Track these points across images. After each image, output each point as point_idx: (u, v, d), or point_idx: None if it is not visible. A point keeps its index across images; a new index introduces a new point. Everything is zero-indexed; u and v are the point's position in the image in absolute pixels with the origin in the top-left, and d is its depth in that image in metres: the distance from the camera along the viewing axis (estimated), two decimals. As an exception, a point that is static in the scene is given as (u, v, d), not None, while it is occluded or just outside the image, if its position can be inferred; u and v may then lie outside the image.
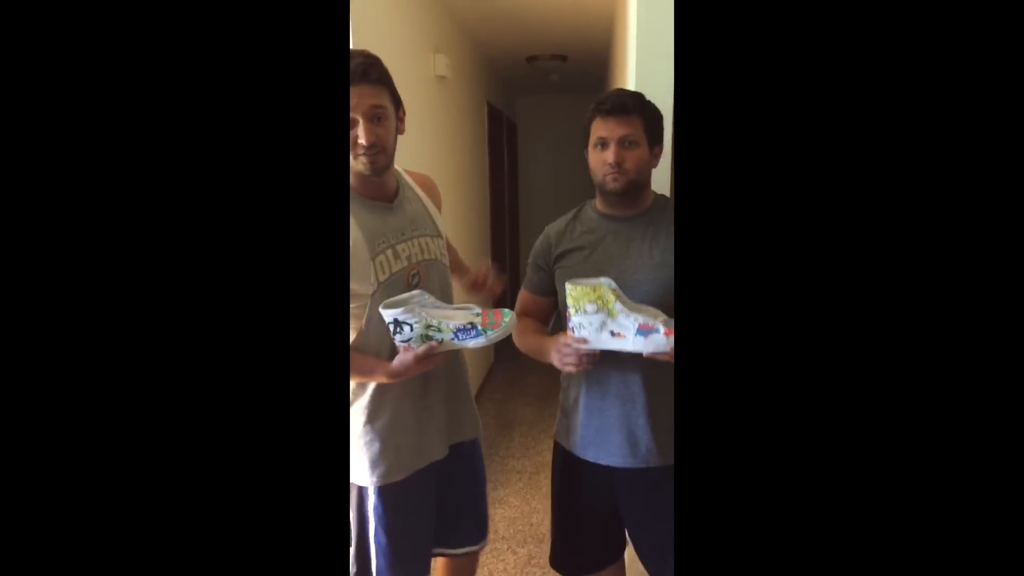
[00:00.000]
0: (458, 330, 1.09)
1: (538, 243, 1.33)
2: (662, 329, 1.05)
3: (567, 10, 3.01)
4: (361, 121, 1.07)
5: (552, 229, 1.33)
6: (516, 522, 2.38)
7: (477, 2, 2.87)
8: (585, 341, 1.10)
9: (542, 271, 1.32)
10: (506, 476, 2.76)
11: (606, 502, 1.30)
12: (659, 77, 1.60)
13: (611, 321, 1.07)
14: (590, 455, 1.26)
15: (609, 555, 1.39)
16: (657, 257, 1.18)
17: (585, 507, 1.33)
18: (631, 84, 1.66)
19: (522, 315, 1.33)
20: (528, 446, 3.08)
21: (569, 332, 1.12)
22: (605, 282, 1.09)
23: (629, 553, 1.43)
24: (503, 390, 3.92)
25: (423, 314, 1.09)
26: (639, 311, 1.08)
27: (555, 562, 1.42)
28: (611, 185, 1.18)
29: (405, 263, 1.18)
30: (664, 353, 1.06)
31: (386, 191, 1.20)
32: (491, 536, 2.27)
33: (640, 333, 1.06)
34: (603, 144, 1.17)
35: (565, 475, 1.34)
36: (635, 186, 1.19)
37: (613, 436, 1.23)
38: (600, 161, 1.18)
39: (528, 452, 3.01)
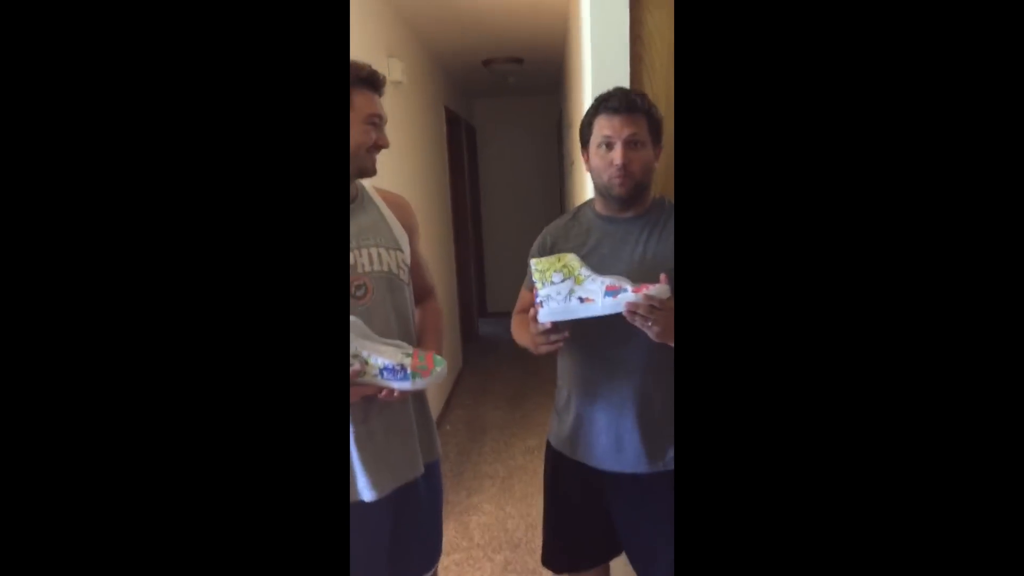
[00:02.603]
0: (385, 368, 1.03)
1: (536, 242, 1.32)
2: (630, 288, 1.05)
3: (522, 13, 3.01)
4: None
5: (550, 229, 1.32)
6: (491, 528, 2.37)
7: (430, 7, 2.85)
8: (547, 323, 1.09)
9: None
10: (479, 482, 2.74)
11: (596, 502, 1.29)
12: (615, 79, 1.61)
13: (578, 288, 1.07)
14: (579, 456, 1.26)
15: (600, 554, 1.38)
16: (648, 260, 1.17)
17: (576, 507, 1.32)
18: (588, 86, 1.67)
19: (520, 311, 1.33)
20: (500, 450, 3.06)
21: (536, 308, 1.10)
22: (570, 255, 1.10)
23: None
24: (473, 395, 3.90)
25: (355, 343, 1.03)
26: (605, 276, 1.08)
27: (546, 559, 1.42)
28: (617, 191, 1.15)
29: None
30: (636, 305, 1.02)
31: None
32: (466, 543, 2.26)
33: (608, 294, 1.06)
34: (608, 144, 1.14)
35: (556, 474, 1.34)
36: (640, 189, 1.17)
37: (601, 439, 1.23)
38: (605, 163, 1.15)
39: (500, 456, 2.99)
